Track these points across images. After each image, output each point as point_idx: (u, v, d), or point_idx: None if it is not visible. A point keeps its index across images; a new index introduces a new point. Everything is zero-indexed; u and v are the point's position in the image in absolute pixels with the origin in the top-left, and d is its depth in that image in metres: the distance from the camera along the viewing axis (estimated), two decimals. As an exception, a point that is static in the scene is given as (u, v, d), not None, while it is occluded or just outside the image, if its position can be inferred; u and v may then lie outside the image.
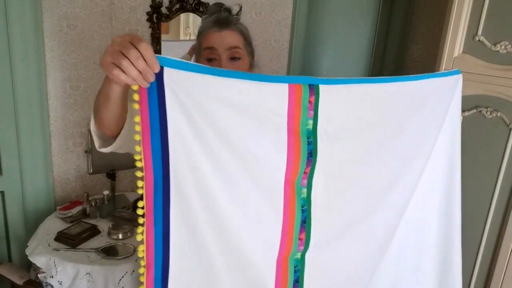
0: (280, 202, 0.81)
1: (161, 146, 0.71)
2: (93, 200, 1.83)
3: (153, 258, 0.77)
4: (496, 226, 1.62)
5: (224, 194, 0.77)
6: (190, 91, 0.70)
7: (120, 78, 0.66)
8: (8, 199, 1.89)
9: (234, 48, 1.06)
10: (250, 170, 0.78)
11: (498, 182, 1.61)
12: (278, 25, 2.36)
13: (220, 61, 1.05)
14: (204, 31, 1.08)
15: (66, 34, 1.89)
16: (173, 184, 0.73)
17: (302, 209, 0.84)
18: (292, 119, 0.77)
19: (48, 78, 1.90)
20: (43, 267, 1.48)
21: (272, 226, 0.83)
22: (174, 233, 0.76)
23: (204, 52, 1.06)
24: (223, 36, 1.06)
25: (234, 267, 0.82)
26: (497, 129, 1.60)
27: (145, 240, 0.75)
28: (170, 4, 2.05)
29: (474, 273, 1.72)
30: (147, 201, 0.73)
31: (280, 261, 0.85)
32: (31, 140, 1.87)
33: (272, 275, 0.86)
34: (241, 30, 1.10)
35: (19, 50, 1.76)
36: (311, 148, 0.80)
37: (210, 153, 0.74)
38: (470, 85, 1.67)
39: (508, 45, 1.54)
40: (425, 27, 2.69)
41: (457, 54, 1.71)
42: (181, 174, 0.73)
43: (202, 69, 0.70)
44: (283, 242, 0.84)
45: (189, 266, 0.80)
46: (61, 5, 1.85)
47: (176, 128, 0.71)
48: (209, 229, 0.78)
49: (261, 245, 0.83)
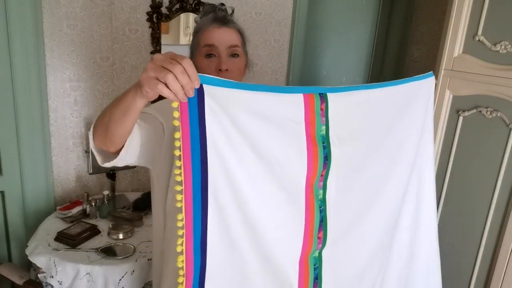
0: (302, 204, 0.87)
1: (200, 160, 0.75)
2: (93, 200, 1.83)
3: (192, 267, 0.80)
4: (496, 226, 1.62)
5: (256, 202, 0.81)
6: (224, 105, 0.74)
7: (163, 92, 0.67)
8: (8, 199, 1.89)
9: (234, 46, 1.07)
10: (277, 176, 0.82)
11: (498, 182, 1.61)
12: (278, 25, 2.36)
13: (219, 58, 1.05)
14: (202, 28, 1.08)
15: (66, 34, 1.89)
16: (211, 196, 0.77)
17: (320, 209, 0.89)
18: (309, 126, 0.83)
19: (48, 78, 1.90)
20: (43, 267, 1.48)
21: (297, 227, 0.88)
22: (210, 243, 0.80)
23: (203, 49, 1.06)
24: (223, 33, 1.06)
25: (265, 270, 0.87)
26: (497, 129, 1.60)
27: (184, 250, 0.78)
28: (170, 4, 2.05)
29: (474, 273, 1.72)
30: (187, 213, 0.76)
31: (302, 260, 0.90)
32: (31, 140, 1.87)
33: (296, 274, 0.90)
34: (239, 29, 1.11)
35: (19, 50, 1.76)
36: (326, 152, 0.86)
37: (243, 163, 0.78)
38: (470, 85, 1.67)
39: (508, 45, 1.54)
40: (425, 27, 2.69)
41: (457, 54, 1.71)
42: (218, 186, 0.77)
43: (232, 85, 0.75)
44: (305, 241, 0.89)
45: (224, 273, 0.84)
46: (61, 5, 1.85)
47: (213, 142, 0.75)
48: (243, 237, 0.82)
49: (287, 247, 0.88)
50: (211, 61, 1.06)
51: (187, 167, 0.74)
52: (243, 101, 0.76)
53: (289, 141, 0.82)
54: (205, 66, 1.06)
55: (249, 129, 0.77)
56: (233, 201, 0.80)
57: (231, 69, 1.06)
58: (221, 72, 1.04)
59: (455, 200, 1.78)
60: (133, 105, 0.75)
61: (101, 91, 2.02)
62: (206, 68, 1.06)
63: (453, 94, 1.75)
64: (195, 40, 1.11)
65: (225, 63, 1.05)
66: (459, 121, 1.73)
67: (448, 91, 1.75)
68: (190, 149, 0.74)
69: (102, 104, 2.03)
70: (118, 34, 1.99)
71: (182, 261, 0.79)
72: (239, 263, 0.84)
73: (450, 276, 1.83)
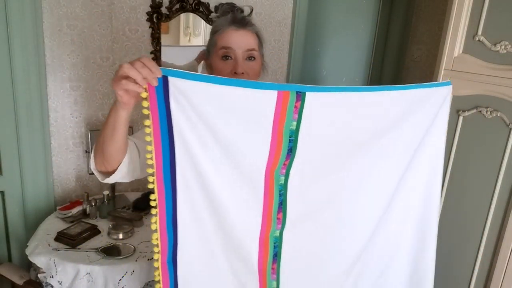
0: (261, 187, 0.95)
1: (169, 146, 0.84)
2: (93, 200, 1.83)
3: (166, 244, 0.90)
4: (496, 226, 1.62)
5: (218, 183, 0.89)
6: (189, 96, 0.81)
7: (129, 86, 0.76)
8: (8, 199, 1.89)
9: (250, 50, 1.08)
10: (238, 162, 0.90)
11: (498, 182, 1.61)
12: (278, 25, 2.36)
13: (236, 61, 1.07)
14: (220, 30, 1.09)
15: (66, 34, 1.89)
16: (179, 177, 0.86)
17: (280, 193, 0.98)
18: (277, 120, 0.89)
19: (48, 78, 1.90)
20: (43, 267, 1.48)
21: (256, 207, 0.96)
22: (180, 220, 0.89)
23: (220, 51, 1.07)
24: (241, 35, 1.07)
25: (228, 246, 0.96)
26: (497, 129, 1.60)
27: (158, 228, 0.87)
28: (170, 4, 2.05)
29: (474, 273, 1.72)
30: (159, 193, 0.86)
31: (263, 237, 0.99)
32: (31, 140, 1.87)
33: (256, 250, 0.99)
34: (257, 31, 1.12)
35: (19, 50, 1.76)
36: (291, 145, 0.93)
37: (206, 148, 0.86)
38: (470, 85, 1.67)
39: (508, 45, 1.54)
40: (425, 27, 2.69)
41: (457, 54, 1.71)
42: (185, 168, 0.86)
43: (201, 78, 0.81)
44: (264, 221, 0.98)
45: (194, 248, 0.93)
46: (61, 5, 1.85)
47: (179, 129, 0.82)
48: (208, 215, 0.91)
49: (247, 225, 0.96)
50: (227, 63, 1.07)
51: (158, 151, 0.83)
52: (208, 93, 0.81)
53: (253, 132, 0.88)
54: (221, 68, 1.08)
55: (212, 119, 0.84)
56: (198, 182, 0.88)
57: (247, 72, 1.08)
58: (236, 75, 1.06)
59: (455, 200, 1.78)
60: (117, 118, 0.83)
61: (101, 91, 2.02)
62: (222, 70, 1.08)
63: (453, 94, 1.74)
64: (212, 41, 1.11)
65: (241, 67, 1.06)
66: (459, 121, 1.73)
67: (448, 91, 1.76)
68: (160, 135, 0.82)
69: (102, 104, 2.03)
70: (118, 34, 1.99)
71: (156, 239, 0.88)
72: (206, 238, 0.93)
73: (450, 276, 1.83)
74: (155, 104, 0.80)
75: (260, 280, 1.03)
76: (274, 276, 1.05)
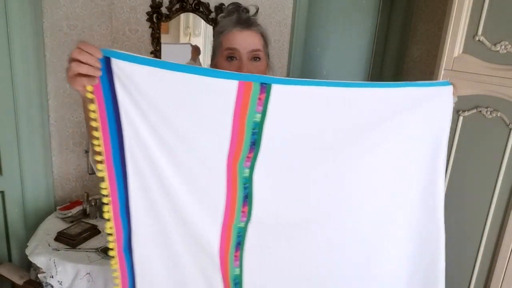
0: (223, 179, 0.91)
1: (117, 132, 0.80)
2: (93, 200, 1.83)
3: (121, 232, 0.88)
4: (496, 226, 1.63)
5: (171, 171, 0.86)
6: (136, 81, 0.77)
7: (83, 81, 0.74)
8: (8, 199, 1.89)
9: (255, 50, 1.08)
10: (194, 152, 0.87)
11: (498, 182, 1.61)
12: (278, 25, 2.36)
13: (241, 61, 1.07)
14: (225, 30, 1.09)
15: (66, 34, 1.89)
16: (130, 162, 0.82)
17: (245, 186, 0.94)
18: (238, 112, 0.86)
19: (48, 78, 1.90)
20: (43, 267, 1.48)
21: (217, 197, 0.93)
22: (133, 207, 0.86)
23: (225, 52, 1.08)
24: (245, 36, 1.08)
25: (185, 232, 0.93)
26: (497, 129, 1.60)
27: (112, 217, 0.85)
28: (170, 4, 2.05)
29: (474, 273, 1.72)
30: (110, 181, 0.83)
31: (225, 227, 0.96)
32: (31, 140, 1.87)
33: (217, 237, 0.96)
34: (262, 32, 1.12)
35: (19, 50, 1.76)
36: (255, 138, 0.89)
37: (155, 133, 0.82)
38: (470, 85, 1.67)
39: (508, 45, 1.54)
40: (425, 27, 2.69)
41: (457, 54, 1.71)
42: (135, 154, 0.82)
43: (149, 62, 0.76)
44: (226, 212, 0.95)
45: (148, 234, 0.90)
46: (61, 5, 1.85)
47: (126, 113, 0.79)
48: (162, 201, 0.88)
49: (207, 213, 0.93)
50: (232, 64, 1.07)
51: (105, 137, 0.80)
52: (158, 78, 0.78)
53: (210, 122, 0.85)
54: (225, 68, 1.08)
55: (163, 106, 0.80)
56: (151, 169, 0.84)
57: (252, 72, 1.07)
58: None
59: (455, 200, 1.78)
60: (86, 111, 0.81)
61: (101, 91, 2.02)
62: (227, 69, 1.07)
63: (453, 94, 1.75)
64: (217, 41, 1.12)
65: (246, 67, 1.07)
66: (459, 121, 1.73)
67: (448, 91, 1.76)
68: (107, 120, 0.79)
69: (102, 104, 2.03)
70: (118, 34, 1.99)
71: (111, 228, 0.86)
72: (161, 224, 0.90)
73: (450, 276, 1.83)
74: (99, 87, 0.76)
75: (222, 265, 0.99)
76: (237, 263, 1.01)
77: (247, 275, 1.02)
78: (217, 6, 2.12)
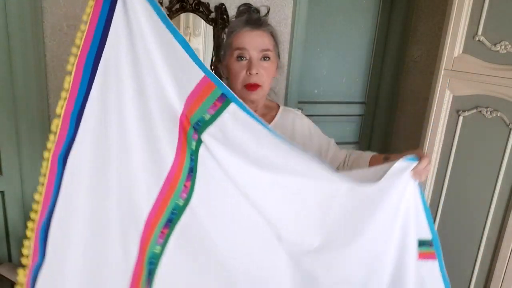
0: (175, 136, 0.87)
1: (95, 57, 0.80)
2: (93, 200, 1.83)
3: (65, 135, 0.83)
4: (496, 226, 1.63)
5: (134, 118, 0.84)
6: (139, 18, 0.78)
7: None
8: (8, 199, 1.89)
9: (265, 50, 1.10)
10: (156, 102, 0.84)
11: (498, 182, 1.61)
12: (278, 25, 2.36)
13: (250, 61, 1.09)
14: (235, 30, 1.11)
15: (66, 34, 1.89)
16: (100, 72, 0.81)
17: (191, 158, 0.88)
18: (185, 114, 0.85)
19: (48, 78, 1.90)
20: (43, 267, 1.48)
21: (166, 157, 0.87)
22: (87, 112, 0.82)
23: (235, 52, 1.10)
24: (255, 36, 1.09)
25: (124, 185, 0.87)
26: (497, 129, 1.60)
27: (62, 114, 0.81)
28: (170, 4, 2.04)
29: (474, 273, 1.72)
30: (75, 77, 0.82)
31: (162, 195, 0.89)
32: (31, 140, 1.87)
33: (150, 204, 0.88)
34: (272, 32, 1.14)
35: (19, 50, 1.76)
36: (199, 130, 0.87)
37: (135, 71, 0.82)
38: (470, 85, 1.68)
39: (508, 45, 1.54)
40: (425, 27, 2.69)
41: (457, 54, 1.71)
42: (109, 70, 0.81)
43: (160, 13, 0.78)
44: (169, 176, 0.88)
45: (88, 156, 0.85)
46: (61, 5, 1.85)
47: (116, 33, 0.79)
48: (115, 139, 0.84)
49: (152, 172, 0.88)
50: (241, 64, 1.09)
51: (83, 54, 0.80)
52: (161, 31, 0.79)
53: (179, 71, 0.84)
54: (235, 68, 1.10)
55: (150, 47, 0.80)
56: (116, 95, 0.82)
57: (261, 72, 1.10)
58: (251, 75, 1.08)
59: (455, 200, 1.78)
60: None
61: (101, 91, 2.02)
62: (237, 70, 1.10)
63: (453, 94, 1.75)
64: (228, 41, 1.13)
65: (255, 67, 1.08)
66: (459, 121, 1.73)
67: (448, 91, 1.76)
68: (92, 39, 0.80)
69: (102, 104, 2.03)
70: (118, 34, 1.99)
71: (57, 125, 0.82)
72: (104, 158, 0.85)
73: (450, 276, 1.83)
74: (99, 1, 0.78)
75: (143, 236, 0.89)
76: (160, 241, 0.91)
77: (167, 258, 0.91)
78: (217, 6, 2.12)
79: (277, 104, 1.29)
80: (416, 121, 2.78)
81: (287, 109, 1.27)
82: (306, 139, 1.23)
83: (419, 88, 2.75)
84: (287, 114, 1.24)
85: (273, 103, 1.29)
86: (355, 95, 2.90)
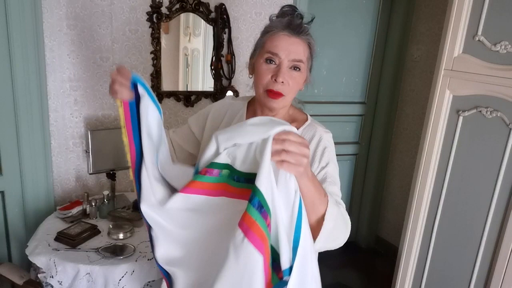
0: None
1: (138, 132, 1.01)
2: (93, 200, 1.83)
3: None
4: (496, 226, 1.62)
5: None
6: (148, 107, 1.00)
7: (123, 95, 0.98)
8: (8, 199, 1.89)
9: (297, 61, 1.02)
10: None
11: (498, 182, 1.61)
12: (278, 25, 2.36)
13: (279, 68, 1.01)
14: (272, 31, 1.03)
15: (66, 34, 1.89)
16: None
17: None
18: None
19: (48, 78, 1.90)
20: (43, 267, 1.48)
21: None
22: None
23: (266, 54, 1.03)
24: (291, 44, 1.02)
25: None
26: (497, 129, 1.60)
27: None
28: (170, 4, 2.05)
29: (474, 273, 1.72)
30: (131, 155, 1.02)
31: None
32: (31, 140, 1.87)
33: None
34: (310, 42, 1.06)
35: (19, 50, 1.76)
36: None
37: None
38: (470, 85, 1.67)
39: (508, 45, 1.54)
40: (425, 27, 2.69)
41: (457, 54, 1.71)
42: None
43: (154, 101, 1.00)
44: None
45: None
46: (61, 5, 1.85)
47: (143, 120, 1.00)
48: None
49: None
50: (269, 67, 1.02)
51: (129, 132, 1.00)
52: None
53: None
54: (262, 70, 1.03)
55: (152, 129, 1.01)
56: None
57: (287, 82, 1.02)
58: (276, 82, 1.01)
59: (455, 200, 1.78)
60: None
61: (101, 91, 2.02)
62: (263, 72, 1.03)
63: (453, 94, 1.75)
64: (262, 40, 1.06)
65: (283, 76, 1.01)
66: (459, 121, 1.73)
67: (448, 91, 1.76)
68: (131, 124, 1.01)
69: (102, 104, 2.03)
70: (118, 34, 1.99)
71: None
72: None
73: (450, 276, 1.83)
74: (127, 104, 1.00)
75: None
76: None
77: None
78: (217, 6, 2.12)
79: (306, 117, 1.16)
80: (416, 121, 2.78)
81: (313, 125, 1.12)
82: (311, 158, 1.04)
83: (419, 88, 2.75)
84: (310, 130, 1.10)
85: (303, 114, 1.17)
86: (355, 95, 2.90)
